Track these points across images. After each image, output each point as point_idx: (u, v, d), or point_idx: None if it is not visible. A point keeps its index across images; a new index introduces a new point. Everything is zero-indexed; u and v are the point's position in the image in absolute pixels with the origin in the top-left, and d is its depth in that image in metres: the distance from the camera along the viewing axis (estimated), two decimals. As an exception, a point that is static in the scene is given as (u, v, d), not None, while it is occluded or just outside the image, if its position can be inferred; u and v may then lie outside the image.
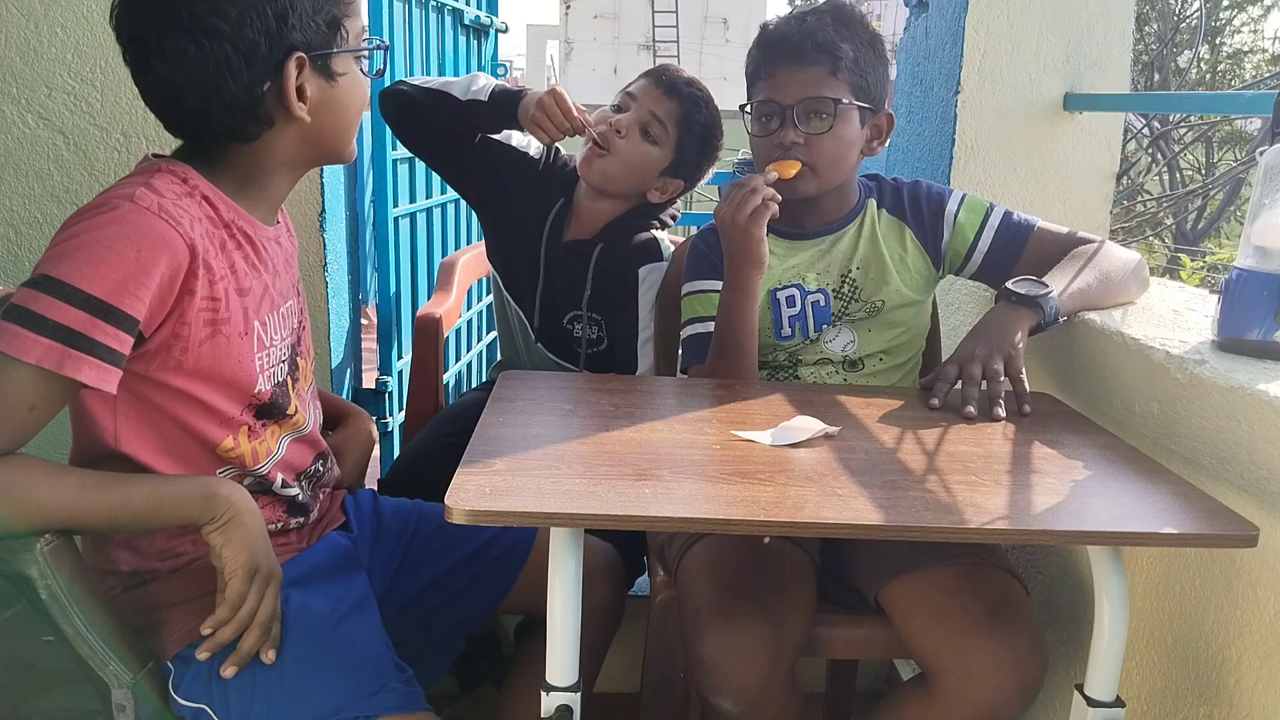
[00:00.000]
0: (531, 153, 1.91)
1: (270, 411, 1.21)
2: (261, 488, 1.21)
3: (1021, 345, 1.34)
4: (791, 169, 1.48)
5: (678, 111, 1.80)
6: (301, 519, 1.28)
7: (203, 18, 1.05)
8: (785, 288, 1.57)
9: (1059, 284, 1.43)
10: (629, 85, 1.87)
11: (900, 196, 1.60)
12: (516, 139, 1.91)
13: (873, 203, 1.60)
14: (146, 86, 1.11)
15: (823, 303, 1.56)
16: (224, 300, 1.11)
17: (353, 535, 1.36)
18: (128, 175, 1.12)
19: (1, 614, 1.27)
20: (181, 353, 1.09)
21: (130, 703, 1.08)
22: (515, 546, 1.42)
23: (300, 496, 1.26)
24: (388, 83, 1.81)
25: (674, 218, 1.94)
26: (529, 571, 1.41)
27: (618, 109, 1.83)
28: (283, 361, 1.23)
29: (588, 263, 1.84)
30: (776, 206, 1.42)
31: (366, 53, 1.20)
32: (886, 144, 1.59)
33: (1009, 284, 1.41)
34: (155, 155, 1.17)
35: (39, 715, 1.26)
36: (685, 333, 1.59)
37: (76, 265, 1.00)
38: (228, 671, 1.12)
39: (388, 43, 1.23)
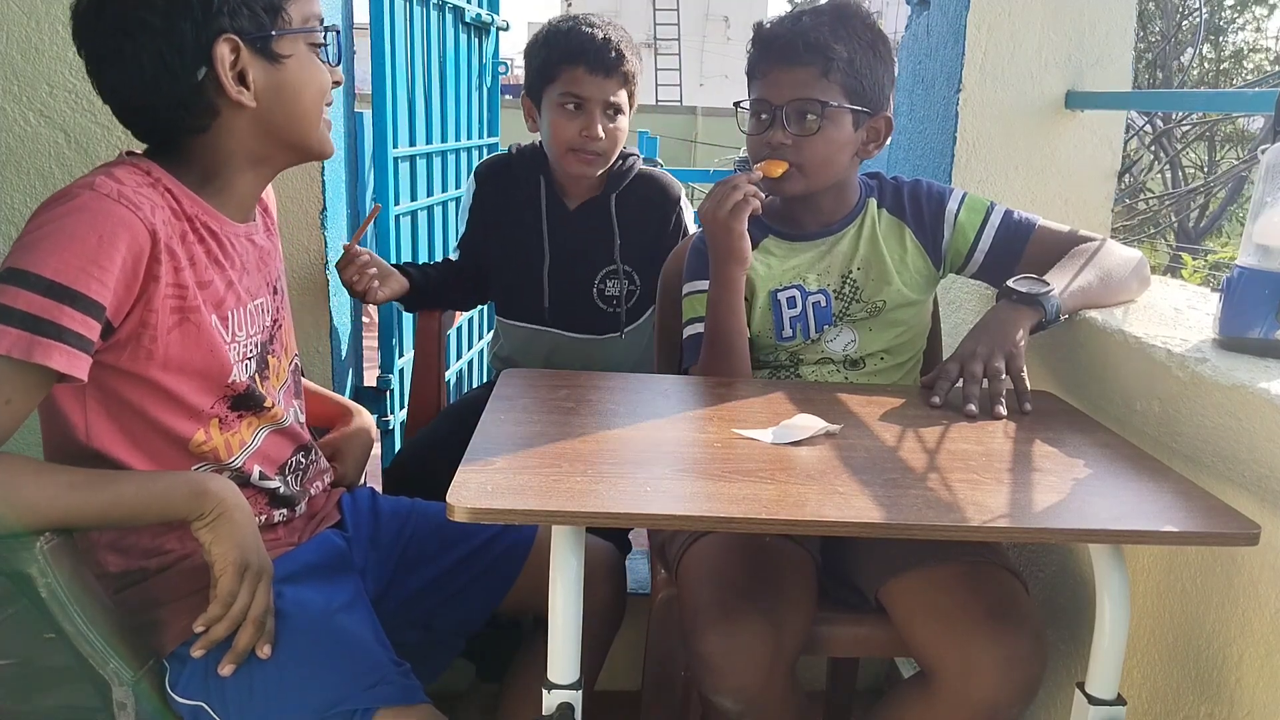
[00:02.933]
0: (470, 200, 1.98)
1: (247, 403, 1.21)
2: (240, 480, 1.21)
3: (1023, 343, 1.34)
4: (777, 169, 1.48)
5: (623, 82, 1.82)
6: (286, 511, 1.28)
7: (131, 14, 1.08)
8: (786, 289, 1.57)
9: (1060, 282, 1.42)
10: (562, 78, 1.80)
11: (900, 196, 1.60)
12: (460, 229, 2.00)
13: (873, 202, 1.59)
14: (103, 94, 1.14)
15: (823, 303, 1.56)
16: (190, 288, 1.12)
17: (347, 535, 1.36)
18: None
19: (2, 612, 1.26)
20: (151, 342, 1.09)
21: (131, 700, 1.09)
22: (514, 546, 1.42)
23: (282, 489, 1.27)
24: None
25: None
26: (528, 571, 1.41)
27: (577, 107, 1.80)
28: (249, 358, 1.22)
29: (608, 215, 1.89)
30: (758, 203, 1.44)
31: (319, 37, 1.19)
32: (885, 146, 1.58)
33: (1010, 282, 1.41)
34: (129, 153, 1.18)
35: (39, 713, 1.26)
36: (686, 333, 1.59)
37: (39, 254, 1.01)
38: (224, 669, 1.12)
39: (338, 27, 1.23)
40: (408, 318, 2.42)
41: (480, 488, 1.00)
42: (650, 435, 1.20)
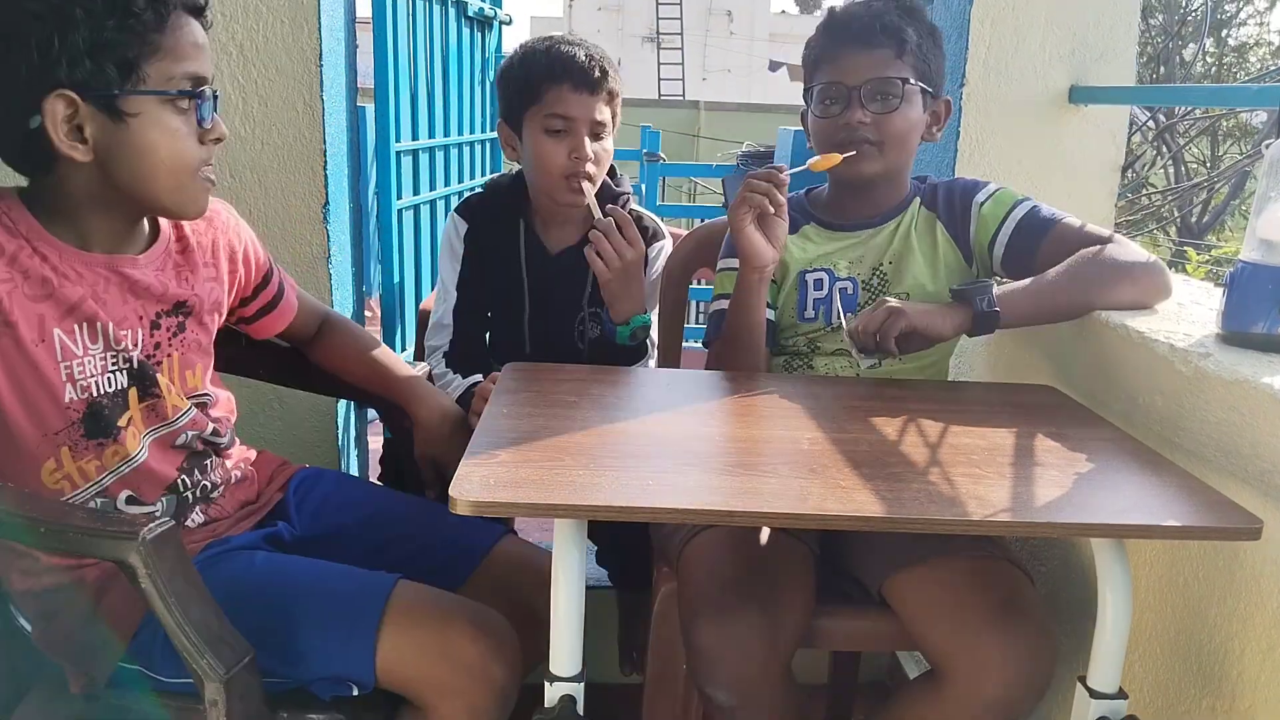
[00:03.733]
0: (462, 245, 1.84)
1: (99, 427, 1.20)
2: (107, 507, 1.22)
3: (926, 322, 1.35)
4: (828, 163, 1.50)
5: (608, 100, 1.73)
6: (202, 508, 1.31)
7: None
8: (814, 270, 1.59)
9: (1018, 283, 1.43)
10: (546, 99, 1.70)
11: (937, 192, 1.62)
12: (444, 275, 1.85)
13: (917, 201, 1.61)
14: None
15: (850, 291, 1.57)
16: (5, 302, 1.11)
17: (291, 527, 1.39)
18: None
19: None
20: None
21: (222, 698, 1.06)
22: (468, 551, 1.42)
23: (159, 511, 1.26)
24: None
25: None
26: (483, 576, 1.41)
27: (564, 129, 1.70)
28: (111, 371, 1.21)
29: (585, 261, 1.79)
30: (767, 204, 1.44)
31: (182, 99, 1.13)
32: (944, 129, 1.62)
33: (953, 285, 1.45)
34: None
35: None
36: (712, 307, 1.63)
37: None
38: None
39: (207, 92, 1.16)
40: (410, 313, 2.43)
41: (483, 481, 1.00)
42: (652, 429, 1.20)
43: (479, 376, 1.73)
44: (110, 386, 1.21)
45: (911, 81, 1.52)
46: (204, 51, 1.16)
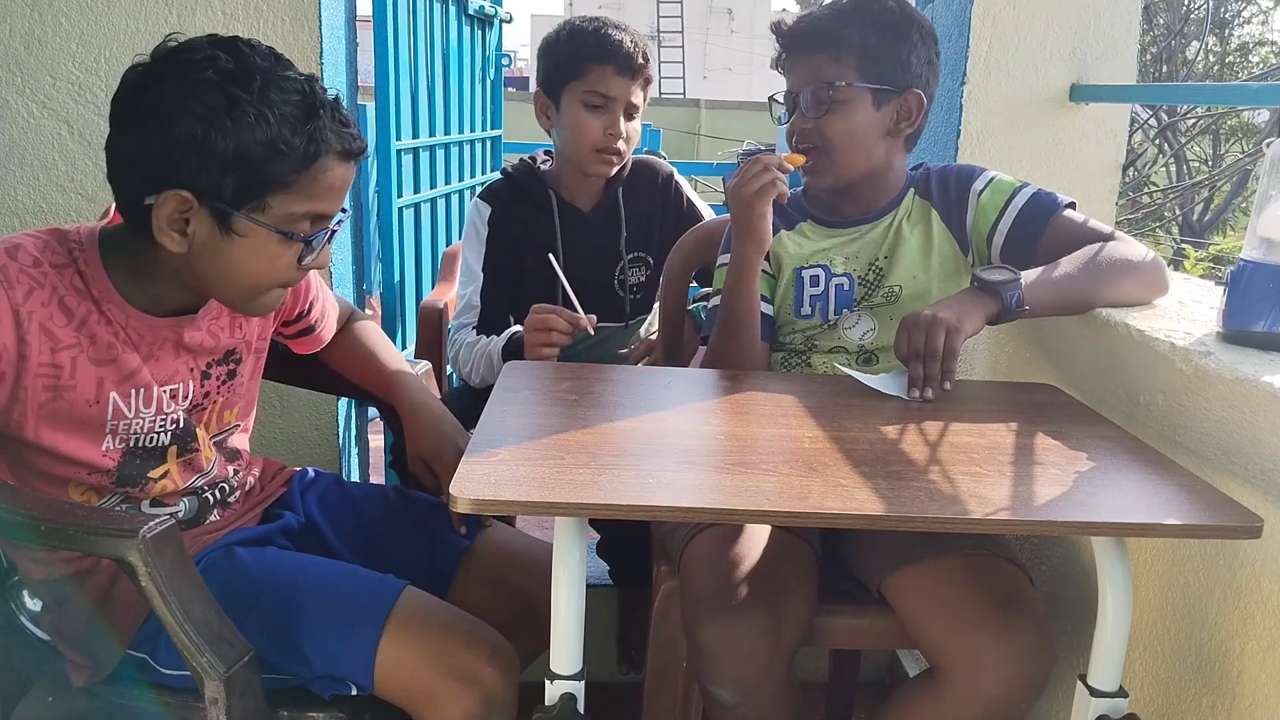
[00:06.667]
0: (485, 227, 1.92)
1: (126, 478, 1.22)
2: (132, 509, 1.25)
3: (968, 325, 1.31)
4: (797, 160, 1.51)
5: (643, 85, 1.86)
6: (218, 511, 1.33)
7: (134, 113, 1.10)
8: (811, 267, 1.58)
9: (1035, 276, 1.38)
10: (589, 77, 1.82)
11: (931, 180, 1.60)
12: (469, 259, 1.91)
13: (912, 192, 1.60)
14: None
15: (846, 286, 1.57)
16: (68, 368, 1.13)
17: (299, 517, 1.41)
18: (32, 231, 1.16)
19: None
20: (21, 414, 1.12)
21: (222, 696, 1.06)
22: (453, 545, 1.43)
23: (182, 512, 1.29)
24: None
25: None
26: (475, 569, 1.41)
27: (601, 105, 1.83)
28: (157, 431, 1.23)
29: (618, 210, 1.93)
30: (784, 188, 1.46)
31: (299, 229, 1.15)
32: (916, 124, 1.55)
33: (979, 271, 1.39)
34: (103, 218, 1.22)
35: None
36: (710, 303, 1.62)
37: None
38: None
39: (326, 231, 1.18)
40: (410, 310, 2.43)
41: (484, 479, 1.00)
42: (653, 427, 1.20)
43: (517, 329, 1.79)
44: (151, 444, 1.24)
45: (850, 84, 1.48)
46: (338, 193, 1.16)
